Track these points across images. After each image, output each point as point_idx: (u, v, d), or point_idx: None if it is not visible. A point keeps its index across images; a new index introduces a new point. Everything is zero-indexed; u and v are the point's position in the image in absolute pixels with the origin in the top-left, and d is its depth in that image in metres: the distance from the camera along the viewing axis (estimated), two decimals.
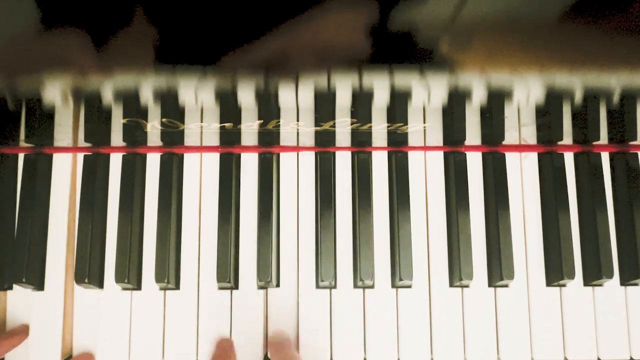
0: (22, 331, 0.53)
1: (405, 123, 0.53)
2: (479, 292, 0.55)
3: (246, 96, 0.48)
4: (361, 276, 0.53)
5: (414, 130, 0.54)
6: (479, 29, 0.41)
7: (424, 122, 0.54)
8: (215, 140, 0.56)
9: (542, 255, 0.56)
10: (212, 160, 0.56)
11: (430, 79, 0.45)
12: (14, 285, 0.54)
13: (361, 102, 0.50)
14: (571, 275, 0.54)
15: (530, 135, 0.57)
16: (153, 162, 0.56)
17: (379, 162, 0.57)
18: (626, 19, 0.41)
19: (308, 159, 0.57)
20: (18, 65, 0.42)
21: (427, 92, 0.48)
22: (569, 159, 0.58)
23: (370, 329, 0.54)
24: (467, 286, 0.55)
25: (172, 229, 0.55)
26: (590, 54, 0.43)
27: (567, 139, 0.56)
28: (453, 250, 0.55)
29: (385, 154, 0.57)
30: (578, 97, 0.50)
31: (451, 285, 0.55)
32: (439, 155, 0.57)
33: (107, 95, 0.47)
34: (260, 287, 0.54)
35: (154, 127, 0.52)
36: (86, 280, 0.53)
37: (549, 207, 0.56)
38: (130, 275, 0.53)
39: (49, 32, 0.39)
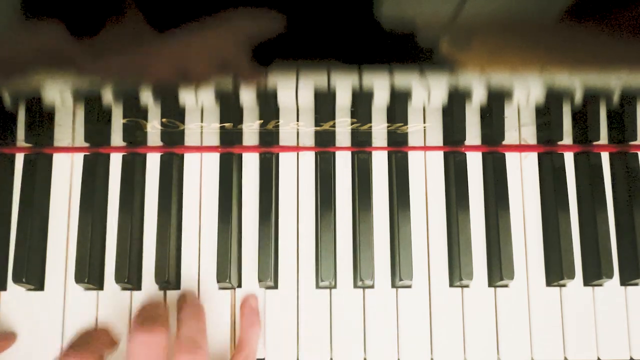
0: (7, 338, 0.52)
1: (405, 123, 0.53)
2: (479, 292, 0.55)
3: (246, 96, 0.48)
4: (361, 276, 0.53)
5: (414, 130, 0.54)
6: (479, 28, 0.41)
7: (424, 122, 0.54)
8: (215, 140, 0.56)
9: (542, 255, 0.56)
10: (212, 160, 0.56)
11: (430, 79, 0.45)
12: (8, 286, 0.54)
13: (361, 102, 0.50)
14: (571, 275, 0.54)
15: (530, 135, 0.57)
16: (153, 162, 0.56)
17: (379, 162, 0.57)
18: (626, 19, 0.41)
19: (308, 159, 0.57)
20: (16, 64, 0.42)
21: (427, 92, 0.48)
22: (569, 159, 0.58)
23: (370, 329, 0.54)
24: (467, 286, 0.55)
25: (172, 229, 0.55)
26: (590, 54, 0.43)
27: (567, 139, 0.56)
28: (453, 250, 0.55)
29: (385, 154, 0.57)
30: (578, 97, 0.50)
31: (451, 285, 0.55)
32: (439, 155, 0.57)
33: (107, 95, 0.47)
34: (260, 287, 0.54)
35: (154, 127, 0.52)
36: (86, 280, 0.53)
37: (549, 207, 0.56)
38: (130, 275, 0.53)
39: (43, 28, 0.39)
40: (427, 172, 0.57)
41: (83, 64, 0.41)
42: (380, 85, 0.46)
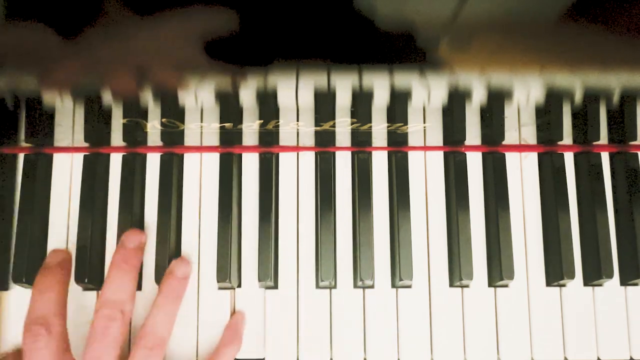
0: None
1: (405, 123, 0.53)
2: (479, 292, 0.55)
3: (246, 96, 0.48)
4: (361, 276, 0.53)
5: (414, 130, 0.54)
6: (478, 28, 0.41)
7: (424, 122, 0.54)
8: (215, 140, 0.56)
9: (542, 255, 0.56)
10: (212, 160, 0.56)
11: (430, 79, 0.45)
12: (10, 286, 0.54)
13: (361, 102, 0.50)
14: (571, 275, 0.54)
15: (530, 135, 0.57)
16: (153, 162, 0.56)
17: (379, 162, 0.57)
18: (626, 19, 0.41)
19: (308, 159, 0.57)
20: (18, 64, 0.42)
21: (427, 92, 0.48)
22: (569, 159, 0.58)
23: (370, 329, 0.54)
24: (467, 286, 0.55)
25: (172, 229, 0.55)
26: (590, 54, 0.43)
27: (567, 139, 0.56)
28: (453, 250, 0.55)
29: (385, 154, 0.57)
30: (578, 97, 0.50)
31: (451, 285, 0.55)
32: (439, 155, 0.57)
33: (107, 96, 0.47)
34: (260, 287, 0.54)
35: (153, 127, 0.52)
36: (86, 280, 0.53)
37: (549, 207, 0.56)
38: None
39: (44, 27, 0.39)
40: (427, 172, 0.57)
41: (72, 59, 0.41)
42: (380, 85, 0.46)
